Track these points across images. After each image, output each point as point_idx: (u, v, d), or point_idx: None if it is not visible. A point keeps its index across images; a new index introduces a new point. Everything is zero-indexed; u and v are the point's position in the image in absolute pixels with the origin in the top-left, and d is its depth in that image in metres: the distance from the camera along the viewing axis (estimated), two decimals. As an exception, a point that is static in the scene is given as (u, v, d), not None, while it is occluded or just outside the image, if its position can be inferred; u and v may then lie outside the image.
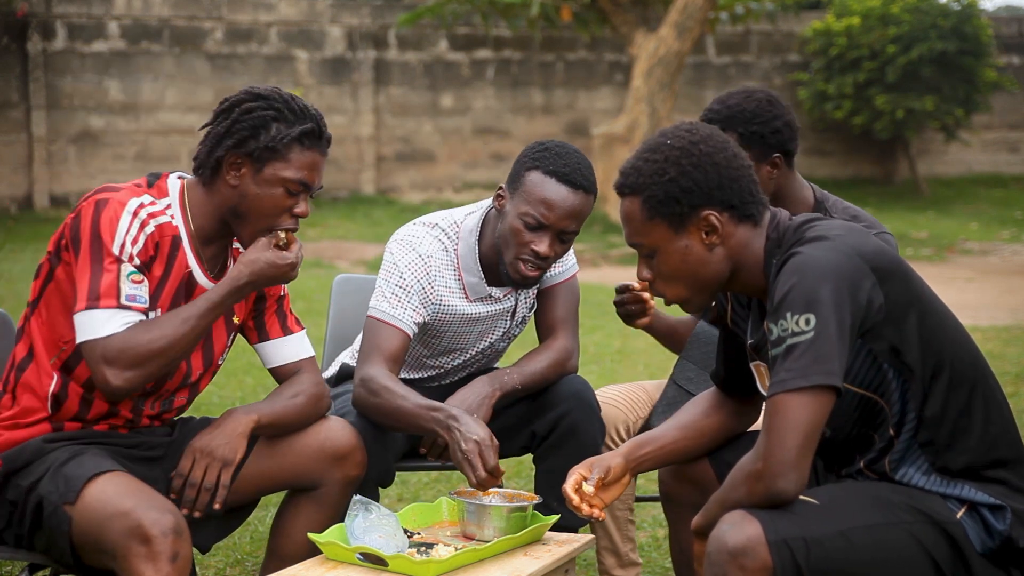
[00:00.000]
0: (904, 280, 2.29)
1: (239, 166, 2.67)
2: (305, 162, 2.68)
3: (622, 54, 15.31)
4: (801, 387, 2.16)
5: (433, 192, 14.70)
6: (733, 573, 2.14)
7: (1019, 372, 6.55)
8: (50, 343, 2.65)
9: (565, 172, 3.03)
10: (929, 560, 2.24)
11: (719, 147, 2.35)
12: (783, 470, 2.16)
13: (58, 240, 2.63)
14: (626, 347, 7.50)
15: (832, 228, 2.29)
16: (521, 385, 3.12)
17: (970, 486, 2.30)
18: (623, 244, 12.78)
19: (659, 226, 2.36)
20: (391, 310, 3.11)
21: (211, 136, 2.69)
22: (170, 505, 2.43)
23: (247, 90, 2.73)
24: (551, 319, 3.26)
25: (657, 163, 2.34)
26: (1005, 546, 2.27)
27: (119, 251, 2.55)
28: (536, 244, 3.04)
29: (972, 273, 11.21)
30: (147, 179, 2.72)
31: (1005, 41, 16.94)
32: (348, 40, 14.64)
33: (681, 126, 2.38)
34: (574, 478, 2.58)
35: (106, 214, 2.57)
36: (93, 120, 13.69)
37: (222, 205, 2.69)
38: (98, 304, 2.52)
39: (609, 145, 13.32)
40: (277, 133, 2.65)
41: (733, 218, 2.35)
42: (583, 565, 3.88)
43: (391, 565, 2.48)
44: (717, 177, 2.32)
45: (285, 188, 2.67)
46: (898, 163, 16.57)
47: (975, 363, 2.35)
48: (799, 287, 2.19)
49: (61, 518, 2.45)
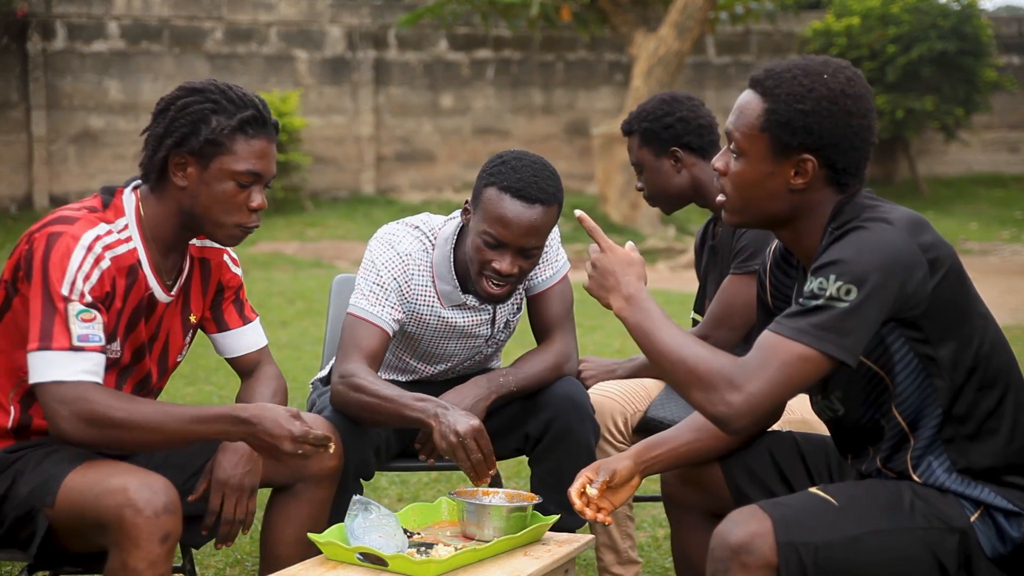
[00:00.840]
0: (956, 277, 2.27)
1: (184, 165, 2.58)
2: (252, 151, 2.58)
3: (622, 54, 15.31)
4: (812, 346, 2.14)
5: (433, 192, 14.70)
6: (735, 569, 2.13)
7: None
8: (9, 374, 2.59)
9: (519, 188, 2.97)
10: (938, 566, 2.22)
11: (862, 112, 2.27)
12: (753, 416, 2.15)
13: (14, 268, 2.54)
14: (626, 347, 7.51)
15: (899, 213, 2.27)
16: (517, 388, 3.10)
17: (989, 489, 2.27)
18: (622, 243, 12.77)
19: (763, 140, 2.29)
20: (369, 307, 3.09)
21: (151, 138, 2.60)
22: (160, 482, 2.39)
23: (181, 86, 2.63)
24: (546, 322, 3.23)
25: (802, 87, 2.26)
26: (1017, 553, 2.25)
27: (68, 290, 2.45)
28: (497, 262, 3.00)
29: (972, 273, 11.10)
30: (101, 199, 2.62)
31: (1005, 41, 16.94)
32: (348, 40, 14.64)
33: (846, 70, 2.29)
34: (580, 481, 2.56)
35: (57, 249, 2.47)
36: (93, 120, 13.70)
37: (176, 210, 2.62)
38: (50, 345, 2.42)
39: (609, 145, 13.32)
40: (218, 125, 2.55)
41: (827, 177, 2.30)
42: (583, 565, 3.88)
43: (391, 565, 2.48)
44: (841, 136, 2.26)
45: (236, 181, 2.58)
46: (898, 163, 16.57)
47: (1010, 367, 2.32)
48: (854, 258, 2.16)
49: (39, 522, 2.44)
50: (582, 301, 3.54)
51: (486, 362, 3.40)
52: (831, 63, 2.30)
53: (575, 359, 3.22)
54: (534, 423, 3.12)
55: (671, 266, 11.82)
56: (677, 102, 3.40)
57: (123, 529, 2.34)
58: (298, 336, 8.09)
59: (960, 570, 2.24)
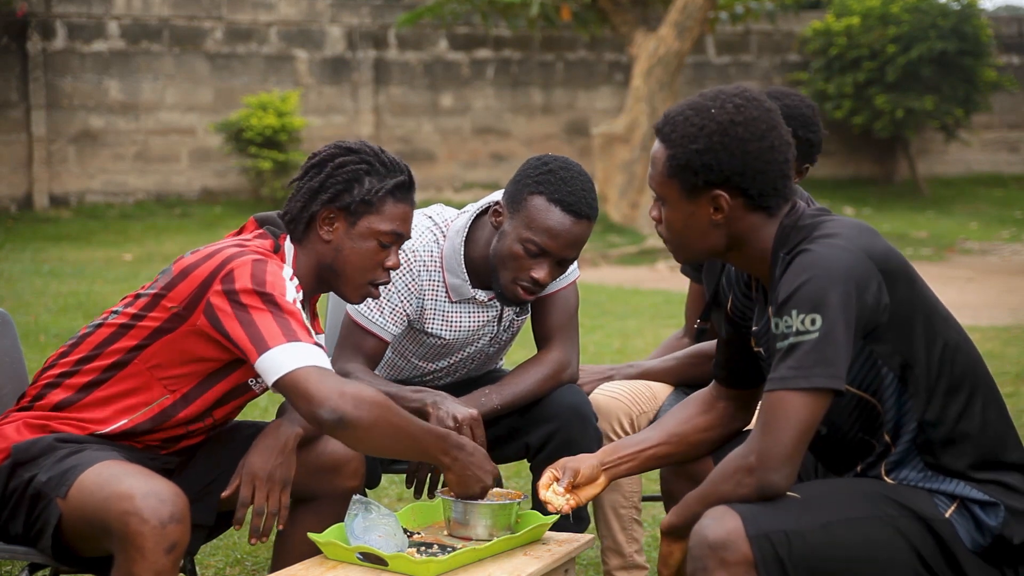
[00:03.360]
0: (909, 283, 2.29)
1: (332, 220, 2.68)
2: (398, 214, 2.70)
3: (622, 54, 15.31)
4: (802, 387, 2.16)
5: (433, 192, 14.70)
6: (714, 567, 2.15)
7: (1019, 372, 6.55)
8: (145, 391, 2.61)
9: (571, 201, 2.96)
10: (915, 555, 2.24)
11: (758, 135, 2.30)
12: (776, 465, 2.17)
13: (191, 296, 2.54)
14: (626, 347, 7.50)
15: (843, 226, 2.28)
16: (501, 406, 3.07)
17: (963, 483, 2.30)
18: (623, 244, 12.78)
19: (674, 185, 2.35)
20: (368, 313, 3.10)
21: (304, 191, 2.69)
22: (170, 490, 2.38)
23: (337, 144, 2.74)
24: (547, 329, 3.20)
25: (693, 127, 2.31)
26: (998, 544, 2.27)
27: (293, 301, 2.51)
28: (535, 271, 3.00)
29: (972, 273, 11.21)
30: (272, 243, 2.68)
31: (1005, 41, 16.95)
32: (348, 40, 14.64)
33: (734, 98, 2.32)
34: (546, 477, 2.62)
35: (271, 270, 2.52)
36: (93, 120, 13.70)
37: (318, 262, 2.70)
38: (299, 338, 2.45)
39: (609, 145, 13.33)
40: (371, 187, 2.67)
41: (746, 205, 2.33)
42: (583, 565, 3.88)
43: (391, 565, 2.48)
44: (742, 165, 2.29)
45: (379, 241, 2.69)
46: (898, 163, 16.58)
47: (975, 366, 2.35)
48: (807, 286, 2.18)
49: (52, 511, 2.44)
50: (582, 300, 3.52)
51: (488, 364, 3.39)
52: (721, 95, 2.34)
53: (574, 367, 3.19)
54: (535, 434, 3.10)
55: (671, 266, 11.82)
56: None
57: (128, 537, 2.33)
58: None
59: (943, 564, 2.26)
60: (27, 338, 6.94)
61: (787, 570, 2.16)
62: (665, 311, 8.98)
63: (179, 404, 2.63)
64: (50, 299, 8.63)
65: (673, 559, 2.44)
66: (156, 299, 2.59)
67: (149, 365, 2.60)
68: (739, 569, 2.14)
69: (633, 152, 13.15)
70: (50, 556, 2.49)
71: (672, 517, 2.37)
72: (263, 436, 2.72)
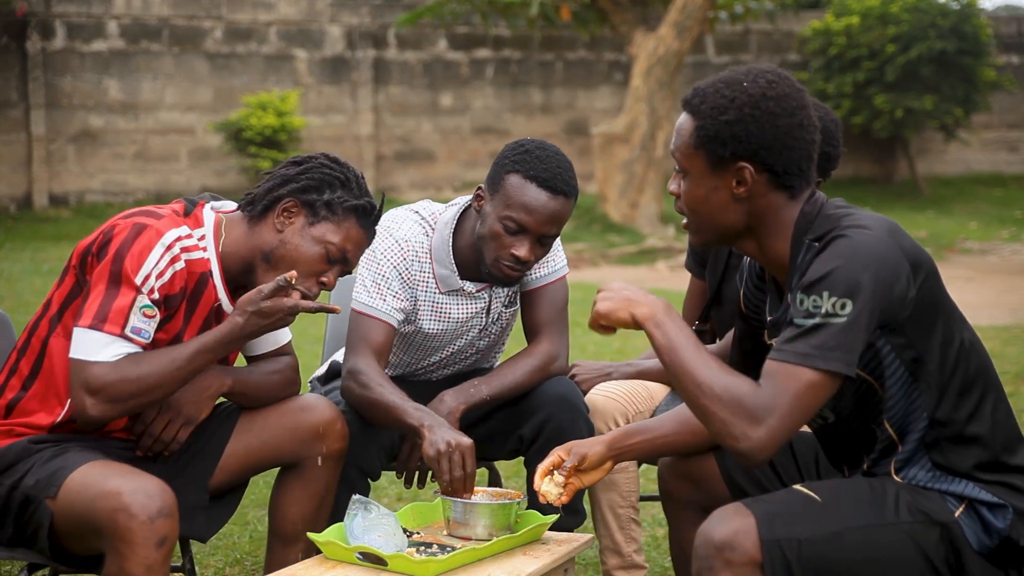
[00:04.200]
0: (935, 279, 2.29)
1: (292, 214, 2.69)
2: (353, 236, 2.72)
3: (621, 53, 15.31)
4: (819, 367, 2.15)
5: (432, 191, 14.70)
6: (719, 567, 2.14)
7: (1019, 371, 6.56)
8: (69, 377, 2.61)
9: (546, 177, 3.01)
10: (924, 560, 2.24)
11: (789, 111, 2.30)
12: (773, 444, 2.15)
13: (83, 253, 2.60)
14: (625, 347, 7.50)
15: (873, 219, 2.28)
16: (490, 396, 3.10)
17: (971, 484, 2.30)
18: (622, 244, 12.78)
19: (699, 156, 2.34)
20: (371, 301, 3.12)
21: (278, 175, 2.73)
22: (157, 486, 2.40)
23: (325, 154, 2.79)
24: (536, 322, 3.23)
25: (724, 99, 2.31)
26: (1004, 545, 2.26)
27: (141, 281, 2.53)
28: (516, 248, 3.03)
29: (972, 272, 11.21)
30: (184, 205, 2.71)
31: (1004, 40, 16.95)
32: (347, 39, 14.64)
33: (767, 74, 2.33)
34: (550, 460, 2.61)
35: (140, 240, 2.54)
36: (92, 119, 13.70)
37: (258, 246, 2.70)
38: (101, 327, 2.50)
39: (608, 144, 13.32)
40: (340, 197, 2.71)
41: (770, 182, 2.32)
42: (582, 564, 3.88)
43: (390, 564, 2.48)
44: (771, 139, 2.29)
45: (326, 251, 2.69)
46: (897, 162, 16.58)
47: (986, 367, 2.34)
48: (843, 270, 2.17)
49: (43, 512, 2.45)
50: (582, 300, 3.53)
51: (483, 360, 3.40)
52: (752, 70, 2.34)
53: (563, 359, 3.21)
54: (527, 426, 3.12)
55: (671, 265, 11.82)
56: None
57: (118, 534, 2.34)
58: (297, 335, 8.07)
59: (949, 566, 2.25)
60: (26, 338, 6.94)
61: (794, 574, 2.16)
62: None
63: None
64: (49, 299, 8.62)
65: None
66: (61, 277, 2.65)
67: (66, 334, 2.61)
68: (744, 570, 2.14)
69: (633, 152, 13.15)
70: (48, 556, 2.50)
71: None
72: (195, 379, 2.73)
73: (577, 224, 13.35)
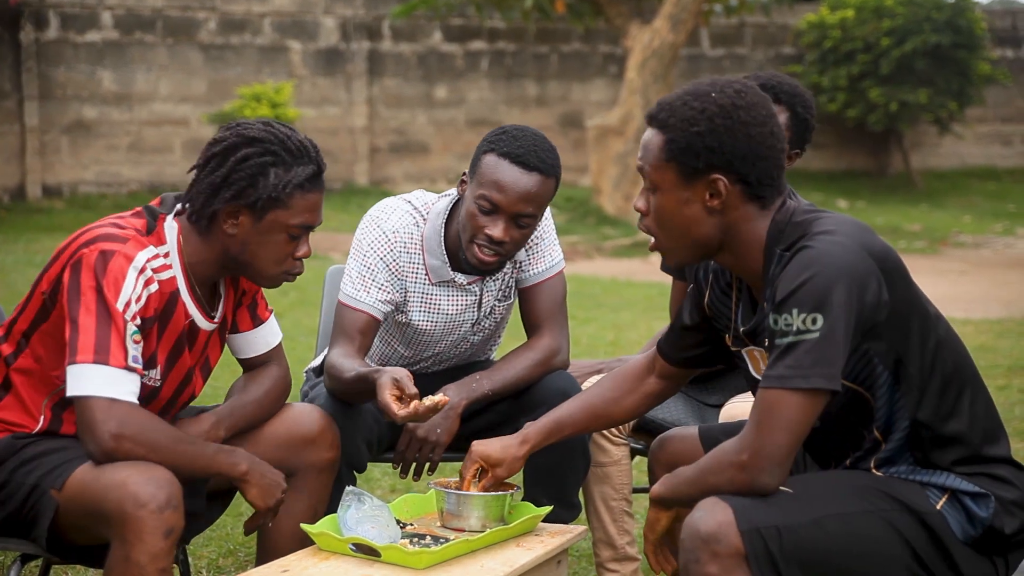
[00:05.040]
0: (905, 280, 2.28)
1: (236, 215, 2.57)
2: (307, 205, 2.59)
3: (616, 46, 15.30)
4: (800, 387, 2.15)
5: (427, 183, 14.69)
6: (705, 559, 2.15)
7: (1011, 365, 6.56)
8: (44, 382, 2.58)
9: (518, 153, 2.98)
10: (907, 548, 2.25)
11: (759, 120, 2.29)
12: (769, 465, 2.17)
13: (55, 280, 2.52)
14: (620, 339, 7.51)
15: (841, 223, 2.27)
16: (492, 391, 3.09)
17: (953, 475, 2.30)
18: (617, 236, 12.78)
19: (670, 170, 2.33)
20: (355, 293, 3.11)
21: (205, 184, 2.57)
22: (165, 476, 2.40)
23: (239, 132, 2.58)
24: (535, 317, 3.22)
25: (693, 111, 2.29)
26: (988, 534, 2.28)
27: (123, 308, 2.45)
28: (490, 228, 3.00)
29: (965, 266, 11.22)
30: (146, 222, 2.59)
31: (999, 34, 16.96)
32: (342, 31, 14.62)
33: (734, 83, 2.32)
34: (470, 474, 2.72)
35: (112, 268, 2.46)
36: (86, 110, 13.67)
37: (222, 253, 2.61)
38: (107, 360, 2.42)
39: (603, 137, 13.32)
40: (277, 181, 2.55)
41: (743, 193, 2.31)
42: (575, 556, 3.89)
43: (384, 556, 2.48)
44: (745, 148, 2.28)
45: (288, 234, 2.60)
46: (892, 156, 16.59)
47: (964, 363, 2.35)
48: (809, 284, 2.16)
49: (47, 502, 2.45)
50: (576, 292, 3.53)
51: (478, 354, 3.39)
52: (718, 82, 2.33)
53: (564, 354, 3.20)
54: (528, 419, 3.11)
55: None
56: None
57: (126, 523, 2.34)
58: (292, 327, 8.08)
59: (934, 556, 2.26)
60: (20, 329, 6.93)
61: (778, 564, 2.16)
62: (659, 303, 8.99)
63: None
64: (43, 290, 8.61)
65: (659, 526, 2.45)
66: (33, 288, 2.58)
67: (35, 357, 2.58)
68: (730, 562, 2.15)
69: (627, 144, 13.15)
70: (43, 547, 2.50)
71: (660, 488, 2.37)
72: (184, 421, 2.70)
73: (571, 217, 13.35)
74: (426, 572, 2.45)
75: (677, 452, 2.74)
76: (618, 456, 3.30)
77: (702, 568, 2.15)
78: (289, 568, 2.48)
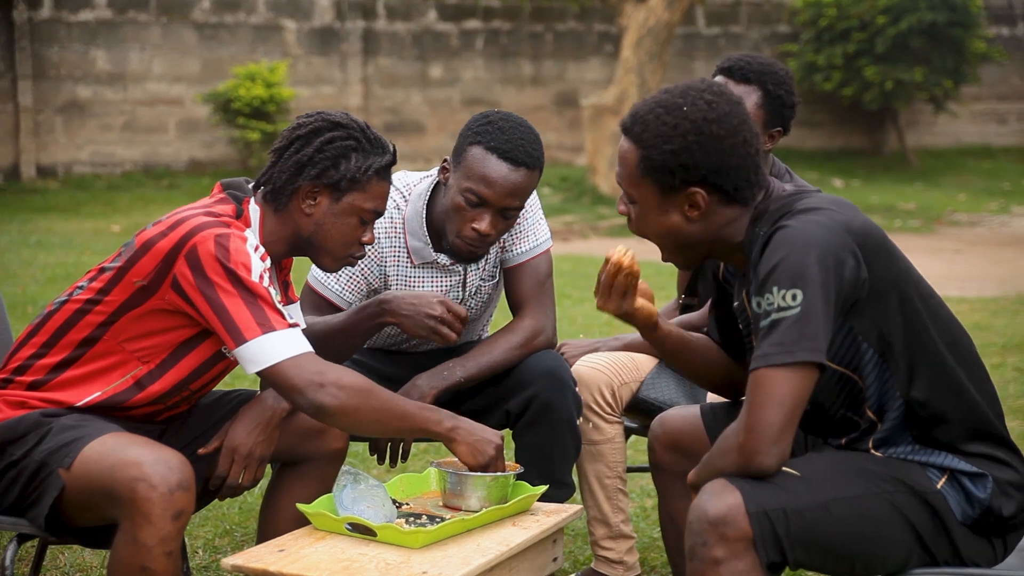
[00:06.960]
0: (888, 257, 2.29)
1: (316, 195, 2.67)
2: (381, 192, 2.71)
3: (611, 25, 15.25)
4: (786, 362, 2.16)
5: (422, 163, 14.66)
6: (713, 542, 2.15)
7: (1005, 343, 6.57)
8: (120, 365, 2.60)
9: (507, 148, 2.98)
10: (910, 529, 2.26)
11: (732, 130, 2.30)
12: (765, 445, 2.17)
13: (153, 273, 2.52)
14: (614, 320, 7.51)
15: (821, 201, 2.28)
16: (464, 378, 3.09)
17: (951, 455, 2.32)
18: (613, 215, 12.76)
19: (647, 185, 2.35)
20: (325, 280, 3.17)
21: (291, 163, 2.66)
22: (177, 458, 2.40)
23: (323, 117, 2.70)
24: (519, 297, 3.22)
25: (666, 126, 2.30)
26: (986, 515, 2.29)
27: (259, 280, 2.51)
28: (477, 222, 3.01)
29: (960, 244, 11.23)
30: (234, 207, 2.65)
31: (994, 12, 16.92)
32: (336, 10, 14.56)
33: (704, 94, 2.32)
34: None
35: (233, 248, 2.50)
36: (80, 90, 13.62)
37: (294, 233, 2.70)
38: (273, 327, 2.47)
39: (598, 116, 13.29)
40: (358, 165, 2.67)
41: (722, 199, 2.34)
42: (571, 535, 3.90)
43: (379, 535, 2.49)
44: (719, 162, 2.30)
45: (360, 218, 2.70)
46: (887, 134, 16.57)
47: (959, 341, 2.35)
48: (786, 262, 2.18)
49: (53, 481, 2.44)
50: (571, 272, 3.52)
51: (470, 333, 3.38)
52: (689, 91, 2.33)
53: (548, 333, 3.20)
54: (515, 400, 3.11)
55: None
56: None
57: (136, 504, 2.34)
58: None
59: (935, 536, 2.28)
60: (14, 310, 6.93)
61: (784, 547, 2.17)
62: (655, 283, 8.97)
63: (154, 373, 2.61)
64: (38, 270, 8.60)
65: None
66: (120, 273, 2.57)
67: (120, 339, 2.59)
68: (738, 545, 2.15)
69: (622, 123, 13.11)
70: (41, 527, 2.50)
71: (693, 476, 2.37)
72: (249, 408, 2.74)
73: (567, 196, 13.34)
74: (422, 551, 2.45)
75: (677, 431, 2.75)
76: (612, 434, 3.31)
77: (709, 551, 2.16)
78: (285, 547, 2.49)
